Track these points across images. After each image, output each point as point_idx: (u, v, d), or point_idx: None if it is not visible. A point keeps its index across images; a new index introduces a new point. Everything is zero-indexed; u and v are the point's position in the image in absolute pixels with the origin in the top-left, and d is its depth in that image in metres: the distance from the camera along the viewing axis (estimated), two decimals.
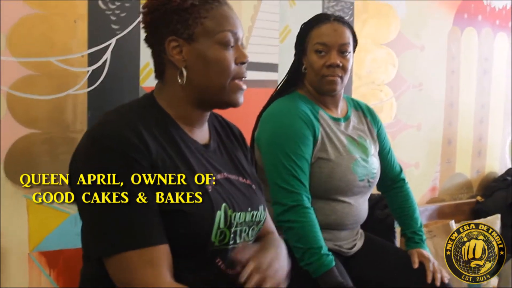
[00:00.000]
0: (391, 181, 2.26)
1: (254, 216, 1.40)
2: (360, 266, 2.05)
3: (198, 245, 1.29)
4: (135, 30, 2.22)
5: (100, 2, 2.13)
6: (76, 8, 2.08)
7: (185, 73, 1.32)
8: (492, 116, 3.98)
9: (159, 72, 1.37)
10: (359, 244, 2.12)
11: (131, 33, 2.22)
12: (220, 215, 1.30)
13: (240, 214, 1.35)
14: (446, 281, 2.02)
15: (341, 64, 1.98)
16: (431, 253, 2.80)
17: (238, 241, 1.35)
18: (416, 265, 2.06)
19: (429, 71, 3.50)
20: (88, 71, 2.13)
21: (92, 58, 2.13)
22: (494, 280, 2.78)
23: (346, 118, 2.10)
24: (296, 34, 2.10)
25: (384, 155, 2.19)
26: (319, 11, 2.79)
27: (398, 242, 2.70)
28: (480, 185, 3.95)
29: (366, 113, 2.17)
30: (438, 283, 2.00)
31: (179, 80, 1.32)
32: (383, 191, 2.29)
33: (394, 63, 3.27)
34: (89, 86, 2.13)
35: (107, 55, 2.17)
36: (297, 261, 1.85)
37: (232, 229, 1.33)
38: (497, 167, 4.07)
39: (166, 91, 1.36)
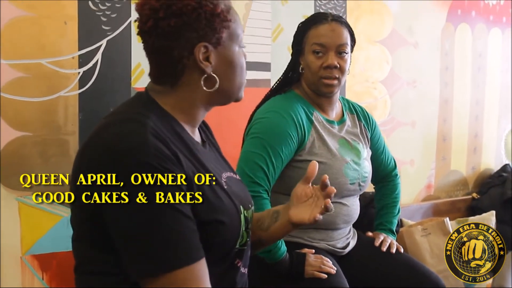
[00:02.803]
0: (386, 176, 2.28)
1: (253, 212, 1.41)
2: (355, 265, 2.05)
3: (226, 250, 1.28)
4: (126, 31, 2.21)
5: (90, 3, 2.12)
6: (66, 9, 2.07)
7: (217, 79, 1.29)
8: (487, 112, 3.98)
9: (173, 76, 1.28)
10: (352, 243, 2.12)
11: (122, 34, 2.20)
12: (242, 218, 1.30)
13: (248, 212, 1.35)
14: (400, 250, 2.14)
15: (338, 65, 1.97)
16: (426, 251, 2.80)
17: (248, 240, 1.35)
18: (377, 244, 2.12)
19: (423, 68, 3.49)
20: (79, 73, 2.12)
21: (83, 60, 2.12)
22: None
23: (341, 121, 2.09)
24: (288, 32, 2.09)
25: (379, 155, 2.20)
26: (311, 9, 2.78)
27: None
28: (476, 181, 3.94)
29: (360, 117, 2.16)
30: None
31: (204, 86, 1.28)
32: (375, 184, 2.30)
33: (387, 60, 3.27)
34: (80, 87, 2.12)
35: (98, 56, 2.15)
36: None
37: (247, 230, 1.34)
38: (493, 164, 4.06)
39: (176, 95, 1.29)
